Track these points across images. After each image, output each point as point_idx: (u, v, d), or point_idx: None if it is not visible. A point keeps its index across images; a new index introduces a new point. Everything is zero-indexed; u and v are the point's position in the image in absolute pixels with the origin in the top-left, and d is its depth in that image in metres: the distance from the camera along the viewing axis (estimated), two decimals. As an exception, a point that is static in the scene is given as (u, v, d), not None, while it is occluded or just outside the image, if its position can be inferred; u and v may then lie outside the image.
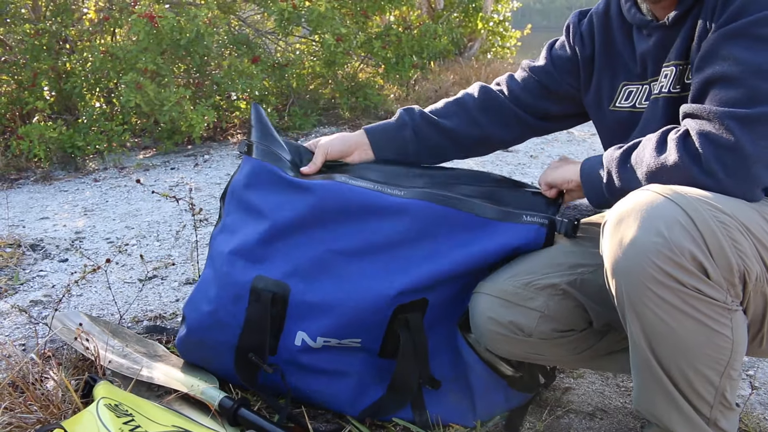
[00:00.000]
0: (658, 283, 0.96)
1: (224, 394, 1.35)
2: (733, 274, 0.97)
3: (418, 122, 1.51)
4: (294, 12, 4.47)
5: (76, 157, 4.07)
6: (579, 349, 1.29)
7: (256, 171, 1.39)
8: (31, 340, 1.77)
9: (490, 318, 1.25)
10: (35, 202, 3.39)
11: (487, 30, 8.11)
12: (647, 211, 0.98)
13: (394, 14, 6.67)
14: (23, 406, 1.29)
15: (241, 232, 1.38)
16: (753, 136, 0.99)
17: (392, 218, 1.32)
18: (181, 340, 1.47)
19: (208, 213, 3.05)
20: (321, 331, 1.32)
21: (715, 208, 0.97)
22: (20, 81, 4.27)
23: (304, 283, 1.32)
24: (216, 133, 4.80)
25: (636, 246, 0.97)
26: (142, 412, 1.22)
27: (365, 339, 1.35)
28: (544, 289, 1.24)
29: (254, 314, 1.33)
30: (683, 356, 1.01)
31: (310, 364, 1.36)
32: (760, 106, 1.00)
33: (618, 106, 1.33)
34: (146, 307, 2.02)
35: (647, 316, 1.00)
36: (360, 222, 1.32)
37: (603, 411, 1.49)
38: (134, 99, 3.91)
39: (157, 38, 4.03)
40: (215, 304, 1.38)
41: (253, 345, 1.35)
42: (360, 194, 1.33)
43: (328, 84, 5.43)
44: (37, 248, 2.60)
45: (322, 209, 1.33)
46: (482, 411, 1.41)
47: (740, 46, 1.03)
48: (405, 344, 1.33)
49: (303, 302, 1.32)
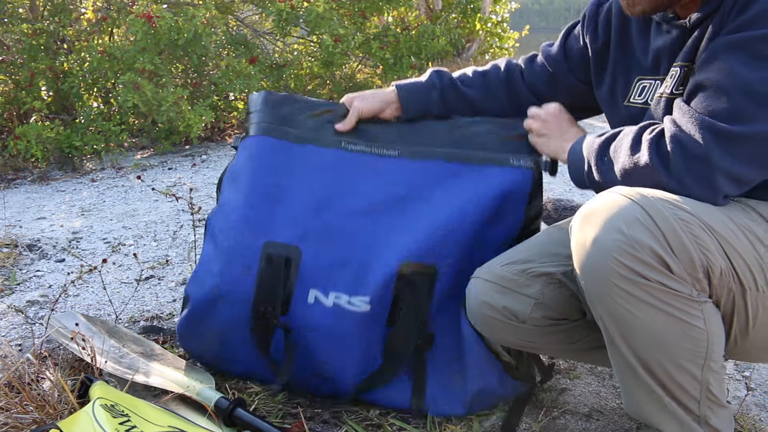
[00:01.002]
0: (622, 278, 0.98)
1: (220, 395, 1.35)
2: (696, 269, 0.98)
3: (446, 86, 1.55)
4: (292, 12, 4.47)
5: (73, 157, 4.07)
6: (572, 339, 1.30)
7: (257, 145, 1.49)
8: (27, 341, 1.77)
9: (484, 302, 1.27)
10: (32, 202, 3.39)
11: (486, 31, 8.11)
12: (609, 211, 1.00)
13: (392, 15, 6.67)
14: (19, 407, 1.29)
15: (242, 203, 1.44)
16: (724, 151, 1.00)
17: (390, 178, 1.44)
18: (184, 321, 1.48)
19: (205, 213, 3.05)
20: (333, 286, 1.37)
21: (677, 207, 0.99)
22: (18, 81, 4.27)
23: (313, 244, 1.39)
24: (214, 134, 4.80)
25: (597, 245, 1.00)
26: (138, 412, 1.22)
27: (373, 300, 1.36)
28: (540, 276, 1.25)
29: (267, 277, 1.38)
30: (660, 350, 1.02)
31: (321, 324, 1.37)
32: (741, 125, 1.00)
33: (632, 101, 1.31)
34: (143, 308, 2.01)
35: (618, 312, 1.01)
36: (360, 184, 1.44)
37: (599, 412, 1.49)
38: (132, 99, 3.91)
39: (154, 38, 4.03)
40: (222, 275, 1.41)
41: (266, 307, 1.38)
42: (358, 158, 1.46)
43: (326, 84, 5.43)
44: (34, 248, 2.59)
45: (322, 173, 1.45)
46: (474, 391, 1.40)
47: (739, 60, 1.02)
48: (406, 308, 1.37)
49: (314, 262, 1.38)
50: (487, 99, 1.56)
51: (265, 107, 1.53)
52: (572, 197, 3.25)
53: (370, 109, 1.52)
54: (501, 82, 1.56)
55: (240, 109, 4.93)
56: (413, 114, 1.54)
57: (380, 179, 1.45)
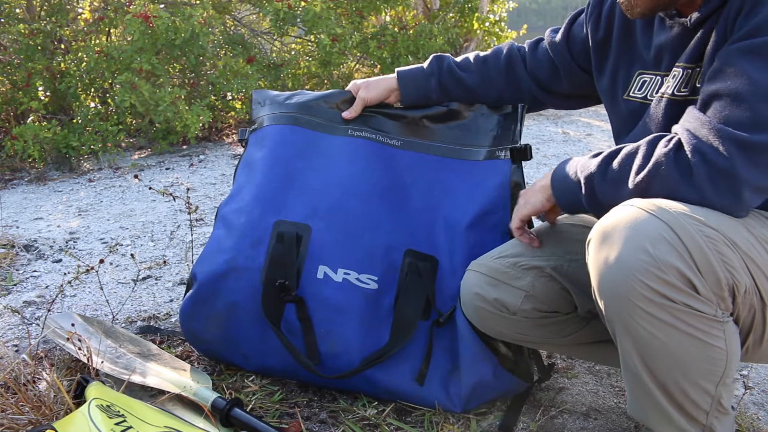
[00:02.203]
0: (647, 300, 0.95)
1: (217, 395, 1.35)
2: (722, 288, 0.95)
3: (444, 73, 1.57)
4: (289, 12, 4.47)
5: (70, 157, 4.06)
6: (564, 332, 1.31)
7: (271, 134, 1.56)
8: (24, 341, 1.77)
9: (476, 294, 1.29)
10: (29, 202, 3.38)
11: (483, 30, 8.09)
12: (631, 228, 0.96)
13: (389, 14, 6.67)
14: (15, 408, 1.28)
15: (255, 186, 1.50)
16: (749, 163, 0.96)
17: (394, 166, 1.52)
18: (190, 301, 1.49)
19: (203, 213, 3.05)
20: (342, 263, 1.42)
21: (701, 222, 0.95)
22: (15, 81, 4.25)
23: (323, 223, 1.45)
24: (211, 134, 4.79)
25: (622, 264, 0.96)
26: (135, 412, 1.22)
27: (381, 279, 1.43)
28: (531, 269, 1.26)
29: (278, 254, 1.43)
30: (678, 370, 0.99)
31: (330, 298, 1.41)
32: (763, 133, 0.95)
33: (631, 95, 1.28)
34: (140, 308, 2.01)
35: (639, 333, 0.98)
36: (368, 169, 1.50)
37: (597, 411, 1.49)
38: (129, 99, 3.90)
39: (152, 38, 4.03)
40: (232, 252, 1.46)
41: (280, 280, 1.40)
42: (365, 144, 1.53)
43: (323, 84, 5.42)
44: (31, 249, 2.59)
45: (332, 157, 1.51)
46: (469, 385, 1.39)
47: (755, 65, 0.98)
48: (411, 283, 1.41)
49: (324, 239, 1.44)
50: (485, 86, 1.56)
51: (276, 99, 1.61)
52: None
53: (375, 97, 1.56)
54: (500, 70, 1.56)
55: (238, 108, 4.92)
56: (413, 101, 1.57)
57: (386, 166, 1.52)
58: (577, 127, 5.31)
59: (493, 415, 1.44)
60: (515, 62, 1.56)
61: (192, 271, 1.50)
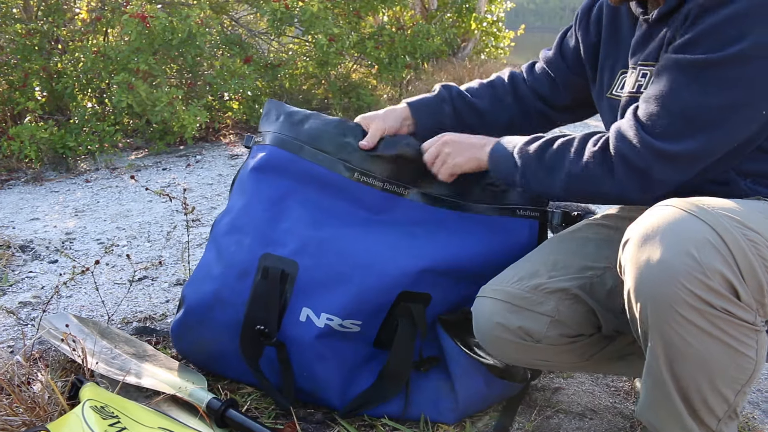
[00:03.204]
0: (688, 306, 0.93)
1: (212, 396, 1.34)
2: (763, 294, 0.94)
3: (456, 98, 1.55)
4: (287, 12, 4.47)
5: (67, 157, 4.05)
6: (587, 354, 1.28)
7: (268, 156, 1.47)
8: (19, 342, 1.76)
9: (498, 324, 1.22)
10: (26, 202, 3.37)
11: (481, 30, 8.11)
12: (674, 230, 0.94)
13: (387, 14, 6.67)
14: (9, 409, 1.28)
15: (247, 212, 1.44)
16: (663, 167, 1.07)
17: (396, 210, 1.44)
18: (178, 323, 1.48)
19: (200, 213, 3.04)
20: (325, 307, 1.35)
21: (744, 225, 0.94)
22: (11, 81, 4.25)
23: (312, 260, 1.37)
24: (208, 134, 4.79)
25: (665, 268, 0.93)
26: (129, 413, 1.21)
27: (365, 323, 1.37)
28: (554, 293, 1.21)
29: (261, 291, 1.37)
30: (705, 376, 0.98)
31: (312, 346, 1.35)
32: (677, 143, 1.06)
33: (614, 93, 1.30)
34: (136, 308, 2.01)
35: (672, 338, 0.96)
36: (364, 207, 1.42)
37: (593, 411, 1.49)
38: (126, 99, 3.89)
39: (149, 38, 4.02)
40: (219, 282, 1.41)
41: (258, 321, 1.36)
42: (369, 192, 1.43)
43: (321, 84, 5.43)
44: (27, 249, 2.58)
45: (328, 192, 1.43)
46: (464, 396, 1.39)
47: (681, 81, 1.06)
48: (403, 331, 1.36)
49: (311, 279, 1.36)
50: (496, 109, 1.55)
51: (287, 119, 1.50)
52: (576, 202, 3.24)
53: (393, 126, 1.50)
54: (507, 92, 1.56)
55: (235, 109, 4.92)
56: (428, 128, 1.51)
57: (385, 209, 1.44)
58: (575, 127, 5.31)
59: (488, 416, 1.44)
60: (518, 82, 1.56)
61: (183, 291, 1.48)
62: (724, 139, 1.07)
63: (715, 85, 1.04)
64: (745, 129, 1.07)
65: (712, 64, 1.03)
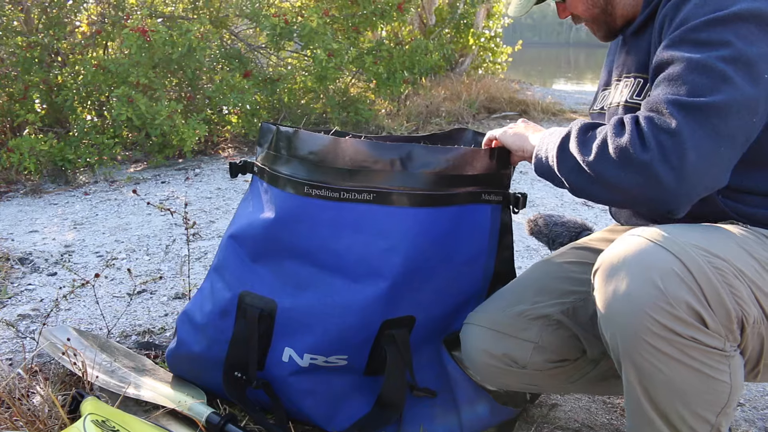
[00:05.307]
0: (654, 335, 0.94)
1: (211, 410, 1.35)
2: (731, 321, 0.95)
3: None
4: (286, 27, 4.50)
5: (66, 170, 4.06)
6: (573, 378, 1.29)
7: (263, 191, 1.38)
8: (18, 355, 1.77)
9: (484, 351, 1.25)
10: (24, 215, 3.38)
11: (479, 46, 8.16)
12: (640, 260, 0.95)
13: (385, 30, 6.71)
14: (9, 422, 1.28)
15: (234, 244, 1.40)
16: (693, 124, 0.96)
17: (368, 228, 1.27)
18: (171, 353, 1.48)
19: (198, 227, 3.05)
20: (308, 348, 1.31)
21: (710, 253, 0.95)
22: (11, 93, 4.27)
23: (291, 300, 1.31)
24: (207, 147, 4.80)
25: (631, 299, 0.94)
26: (129, 428, 1.22)
27: (352, 356, 1.34)
28: (538, 319, 1.24)
29: (241, 331, 1.34)
30: (680, 401, 0.99)
31: (297, 383, 1.34)
32: (699, 97, 0.97)
33: (594, 109, 1.35)
34: (135, 322, 2.01)
35: (643, 366, 0.97)
36: (345, 237, 1.28)
37: (589, 427, 1.49)
38: (126, 112, 3.91)
39: (149, 52, 4.05)
40: (207, 318, 1.40)
41: (240, 361, 1.35)
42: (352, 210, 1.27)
43: (319, 99, 5.45)
44: (26, 262, 2.59)
45: (309, 225, 1.29)
46: (468, 424, 1.40)
47: (682, 50, 1.03)
48: (392, 360, 1.33)
49: (290, 318, 1.31)
50: None
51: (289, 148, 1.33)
52: (563, 212, 3.27)
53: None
54: None
55: (234, 122, 4.94)
56: None
57: (360, 230, 1.28)
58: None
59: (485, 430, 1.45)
60: None
61: (178, 319, 1.48)
62: (745, 90, 0.98)
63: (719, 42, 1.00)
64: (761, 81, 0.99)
65: (709, 23, 1.01)
